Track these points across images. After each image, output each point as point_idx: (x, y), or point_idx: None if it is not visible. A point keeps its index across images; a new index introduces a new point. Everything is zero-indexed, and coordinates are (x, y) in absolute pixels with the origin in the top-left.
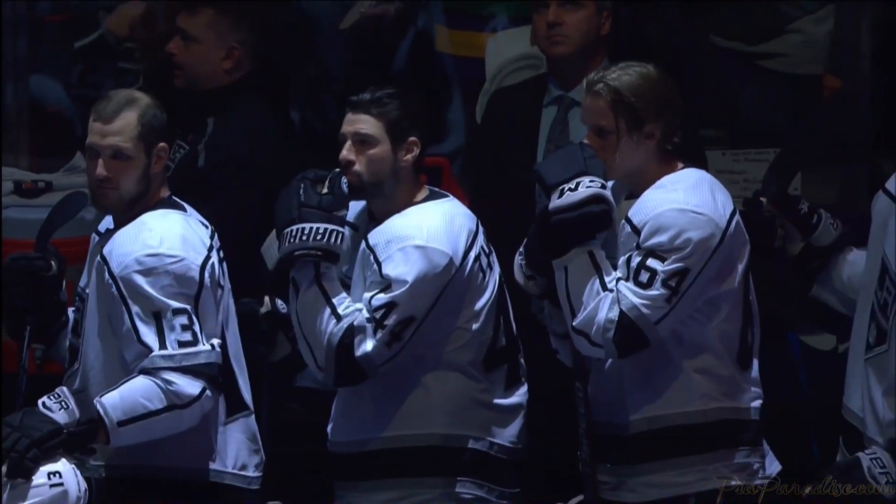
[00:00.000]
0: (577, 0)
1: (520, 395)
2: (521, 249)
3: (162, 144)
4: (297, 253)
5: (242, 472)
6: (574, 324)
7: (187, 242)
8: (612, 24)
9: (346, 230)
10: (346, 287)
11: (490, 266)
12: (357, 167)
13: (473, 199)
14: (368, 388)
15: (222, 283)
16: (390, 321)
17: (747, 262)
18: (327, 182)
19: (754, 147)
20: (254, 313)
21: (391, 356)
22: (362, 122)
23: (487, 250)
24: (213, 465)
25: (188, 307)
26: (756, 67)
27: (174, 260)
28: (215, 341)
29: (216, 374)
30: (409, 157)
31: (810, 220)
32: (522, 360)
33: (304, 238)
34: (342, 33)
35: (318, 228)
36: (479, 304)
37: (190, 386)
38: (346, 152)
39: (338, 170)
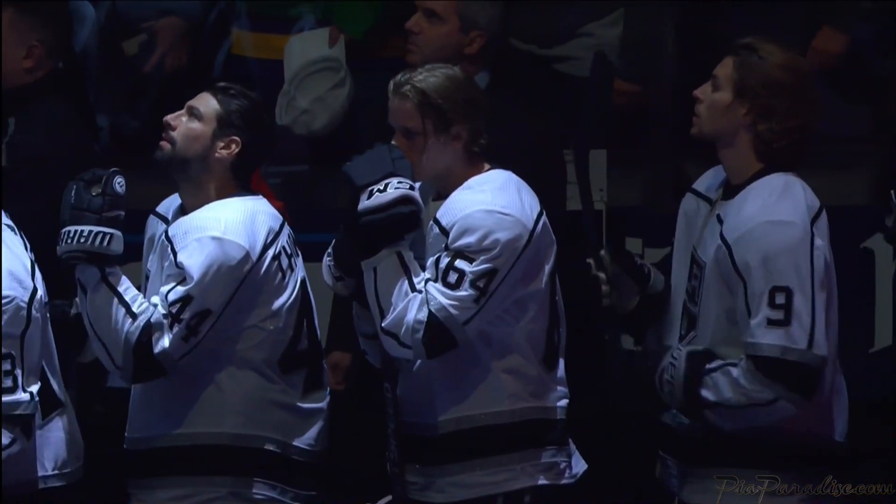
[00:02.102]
0: (438, 14)
1: (321, 400)
2: (329, 250)
3: None
4: (63, 256)
5: (65, 470)
6: (383, 325)
7: (14, 276)
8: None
9: (116, 231)
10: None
11: (292, 267)
12: (174, 133)
13: None
14: (162, 385)
15: (44, 299)
16: (186, 315)
17: (553, 263)
18: (102, 182)
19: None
20: (64, 315)
21: (189, 350)
22: (202, 99)
23: (290, 251)
24: (36, 474)
25: (12, 352)
26: (551, 70)
27: (5, 301)
28: (34, 388)
29: (30, 423)
30: (224, 151)
31: (643, 271)
32: (325, 365)
33: (70, 241)
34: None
35: (82, 231)
36: (276, 304)
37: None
38: (173, 116)
39: (113, 169)
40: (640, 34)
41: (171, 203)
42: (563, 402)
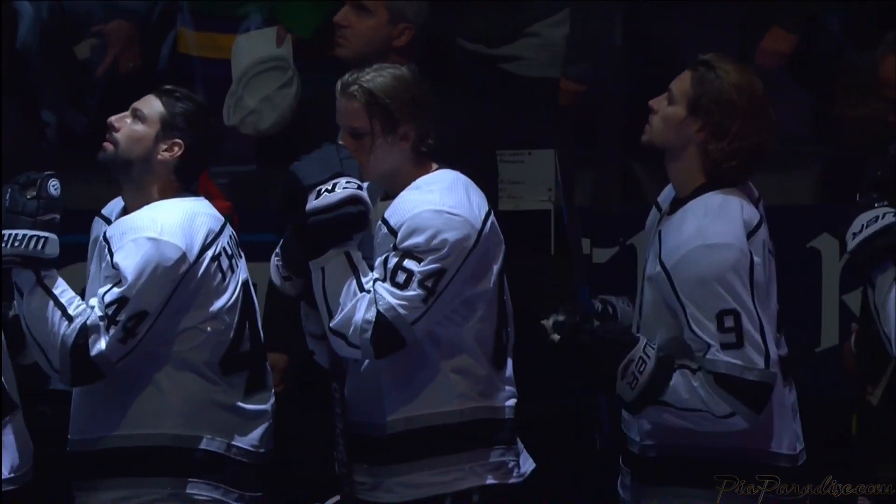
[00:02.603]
0: (366, 8)
1: (264, 402)
2: (277, 250)
3: None
4: None
5: (18, 473)
6: (331, 325)
7: None
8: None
9: (51, 234)
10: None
11: (232, 269)
12: (117, 134)
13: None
14: (102, 387)
15: None
16: (122, 317)
17: (502, 263)
18: (37, 186)
19: (509, 149)
20: (2, 317)
21: (127, 352)
22: (147, 101)
23: (231, 253)
24: None
25: None
26: (498, 70)
27: None
28: None
29: None
30: (167, 154)
31: (607, 314)
32: (269, 367)
33: (4, 245)
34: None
35: (16, 235)
36: (215, 306)
37: None
38: (117, 117)
39: (48, 173)
40: (586, 34)
41: (115, 205)
42: (512, 402)
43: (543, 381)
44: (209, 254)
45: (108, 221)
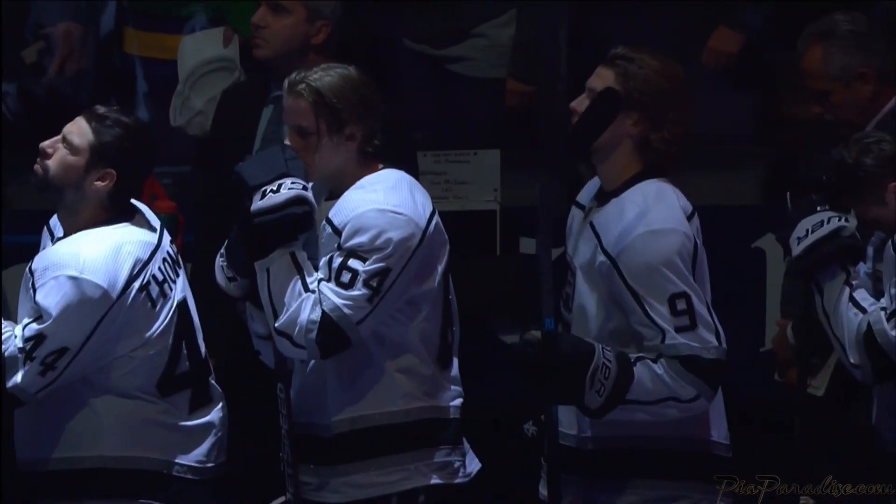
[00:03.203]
0: (283, 6)
1: (209, 416)
2: (222, 251)
3: None
4: None
5: None
6: (276, 325)
7: None
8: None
9: None
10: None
11: (164, 294)
12: (49, 161)
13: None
14: (40, 409)
15: None
16: (40, 353)
17: (446, 263)
18: None
19: (455, 149)
20: None
21: (48, 383)
22: (76, 126)
23: (163, 278)
24: None
25: None
26: (445, 71)
27: None
28: None
29: None
30: (98, 183)
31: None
32: (213, 381)
33: None
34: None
35: None
36: (146, 334)
37: None
38: (49, 143)
39: None
40: (532, 34)
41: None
42: (457, 402)
43: (490, 380)
44: (136, 284)
45: (53, 235)
